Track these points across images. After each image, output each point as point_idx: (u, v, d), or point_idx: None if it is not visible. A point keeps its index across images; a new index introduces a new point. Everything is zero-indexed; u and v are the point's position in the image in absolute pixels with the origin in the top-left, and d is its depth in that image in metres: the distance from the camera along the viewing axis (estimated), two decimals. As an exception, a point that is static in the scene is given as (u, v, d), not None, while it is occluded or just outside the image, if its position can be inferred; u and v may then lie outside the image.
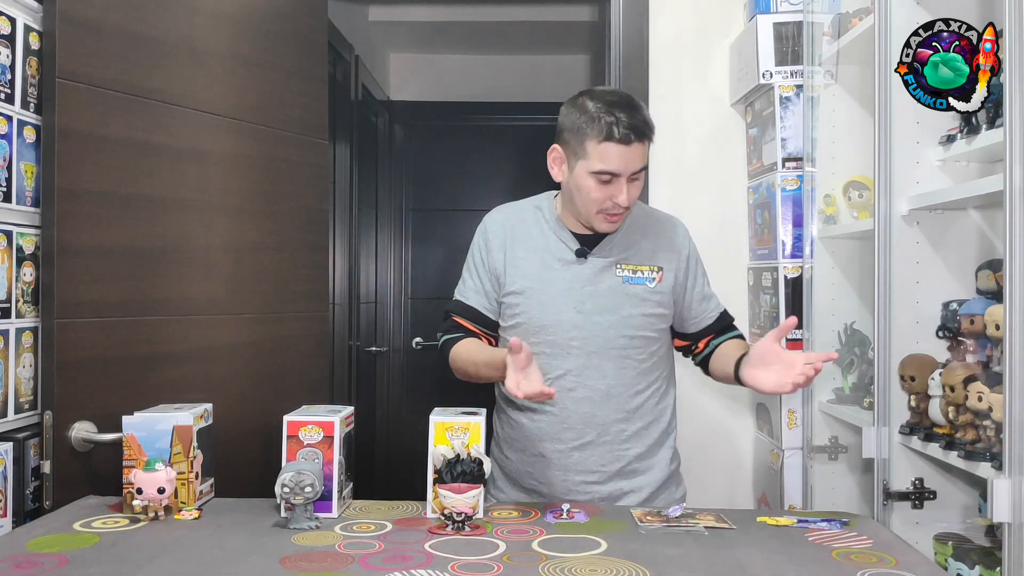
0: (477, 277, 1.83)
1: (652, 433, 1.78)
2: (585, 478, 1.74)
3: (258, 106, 2.13)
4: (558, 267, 1.75)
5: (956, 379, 1.57)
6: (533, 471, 1.78)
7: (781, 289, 2.30)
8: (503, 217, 1.86)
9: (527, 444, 1.78)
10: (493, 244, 1.81)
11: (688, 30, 2.65)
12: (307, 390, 2.26)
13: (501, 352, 1.64)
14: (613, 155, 1.62)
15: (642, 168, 1.66)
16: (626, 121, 1.61)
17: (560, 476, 1.75)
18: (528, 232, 1.80)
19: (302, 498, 1.41)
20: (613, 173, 1.63)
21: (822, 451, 2.19)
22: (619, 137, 1.60)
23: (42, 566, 1.23)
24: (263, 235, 2.15)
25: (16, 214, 1.65)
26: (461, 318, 1.82)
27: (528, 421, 1.77)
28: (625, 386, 1.74)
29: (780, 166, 2.32)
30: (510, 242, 1.80)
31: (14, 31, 1.64)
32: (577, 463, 1.74)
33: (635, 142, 1.61)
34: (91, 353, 1.72)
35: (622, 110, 1.62)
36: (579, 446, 1.73)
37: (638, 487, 1.76)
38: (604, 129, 1.61)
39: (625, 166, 1.63)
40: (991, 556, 1.56)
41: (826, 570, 1.26)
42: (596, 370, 1.72)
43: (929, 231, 1.80)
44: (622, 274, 1.75)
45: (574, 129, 1.66)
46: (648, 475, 1.77)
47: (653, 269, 1.76)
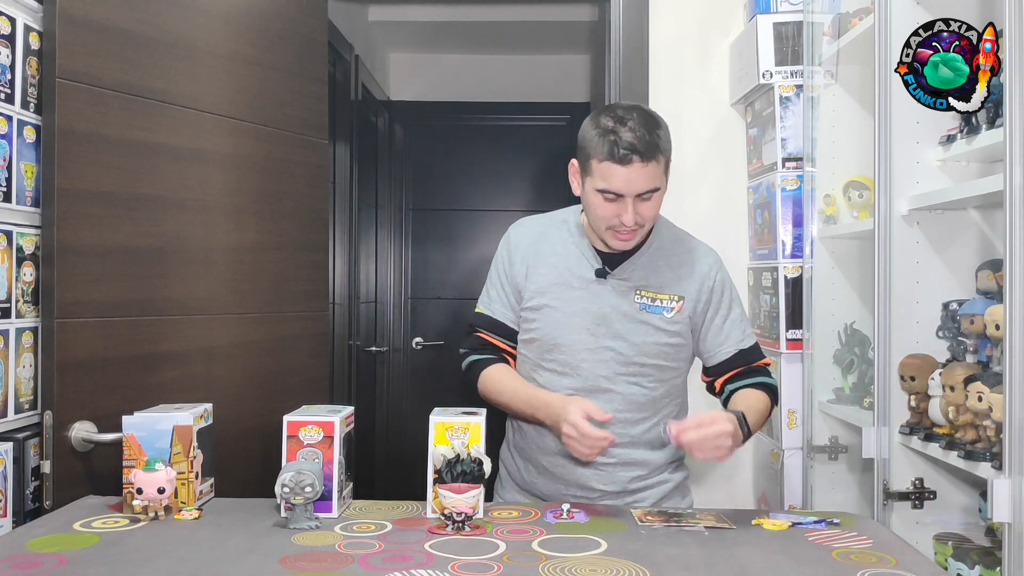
0: (501, 289, 1.80)
1: (658, 459, 1.76)
2: (587, 494, 1.73)
3: (258, 106, 2.13)
4: (576, 285, 1.72)
5: (956, 379, 1.57)
6: (537, 482, 1.78)
7: (781, 289, 2.30)
8: (527, 231, 1.82)
9: (531, 453, 1.78)
10: (516, 257, 1.78)
11: (688, 30, 2.64)
12: (307, 390, 2.26)
13: (542, 394, 1.67)
14: (613, 175, 1.57)
15: (651, 189, 1.60)
16: (627, 141, 1.55)
17: (562, 490, 1.74)
18: (552, 248, 1.76)
19: (302, 498, 1.41)
20: (616, 193, 1.59)
21: (822, 451, 2.19)
22: (618, 157, 1.56)
23: (42, 566, 1.23)
24: (263, 235, 2.15)
25: (16, 214, 1.65)
26: (487, 333, 1.80)
27: (535, 433, 1.76)
28: (633, 412, 1.71)
29: (780, 166, 2.32)
30: (532, 256, 1.76)
31: (14, 31, 1.64)
32: (579, 479, 1.73)
33: (636, 162, 1.56)
34: (91, 353, 1.72)
35: (627, 129, 1.56)
36: (583, 464, 1.71)
37: (642, 499, 1.75)
38: (605, 148, 1.57)
39: (628, 186, 1.58)
40: (991, 556, 1.56)
41: (826, 570, 1.26)
42: (604, 394, 1.69)
43: (929, 231, 1.80)
44: (640, 301, 1.70)
45: (583, 145, 1.63)
46: (652, 491, 1.76)
47: (673, 298, 1.71)
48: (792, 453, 2.29)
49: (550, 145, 4.51)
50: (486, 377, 1.76)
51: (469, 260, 4.58)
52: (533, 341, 1.74)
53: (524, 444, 1.80)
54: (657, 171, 1.60)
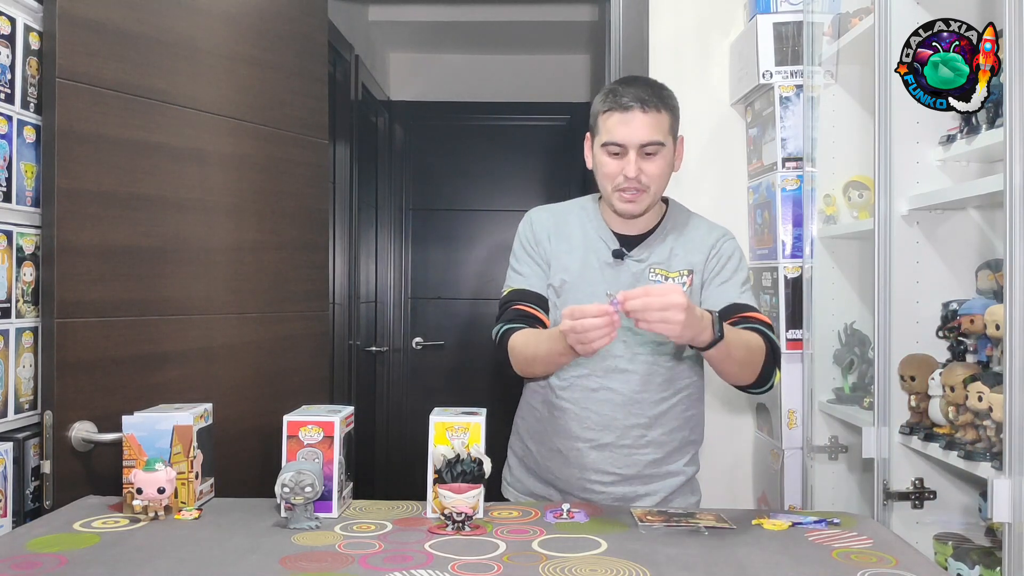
0: (530, 261, 1.78)
1: (673, 440, 1.76)
2: (601, 478, 1.73)
3: (258, 106, 2.13)
4: (596, 267, 1.74)
5: (956, 379, 1.57)
6: (551, 465, 1.78)
7: (781, 289, 2.30)
8: (547, 215, 1.83)
9: (546, 437, 1.78)
10: (540, 235, 1.79)
11: (688, 30, 2.65)
12: (307, 390, 2.26)
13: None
14: (616, 124, 1.63)
15: (654, 142, 1.63)
16: (628, 91, 1.63)
17: (577, 474, 1.74)
18: (571, 231, 1.78)
19: (302, 498, 1.41)
20: (618, 143, 1.63)
21: (822, 451, 2.19)
22: (621, 105, 1.62)
23: (42, 566, 1.23)
24: (263, 235, 2.15)
25: (16, 214, 1.65)
26: (523, 303, 1.74)
27: (549, 415, 1.77)
28: (650, 392, 1.72)
29: (780, 166, 2.32)
30: (555, 237, 1.78)
31: (14, 31, 1.64)
32: (594, 463, 1.73)
33: (636, 110, 1.61)
34: (91, 353, 1.72)
35: (628, 83, 1.66)
36: (597, 447, 1.72)
37: (653, 491, 1.75)
38: (608, 99, 1.65)
39: (630, 135, 1.62)
40: (991, 556, 1.56)
41: (826, 570, 1.26)
42: (621, 375, 1.71)
43: (929, 231, 1.80)
44: (655, 279, 1.71)
45: (593, 111, 1.70)
46: (664, 481, 1.76)
47: (684, 273, 1.72)
48: (792, 453, 2.29)
49: (550, 145, 4.51)
50: (514, 341, 1.69)
51: (469, 260, 4.58)
52: (553, 322, 1.74)
53: (538, 427, 1.80)
54: (660, 124, 1.64)
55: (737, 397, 2.60)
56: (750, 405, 2.61)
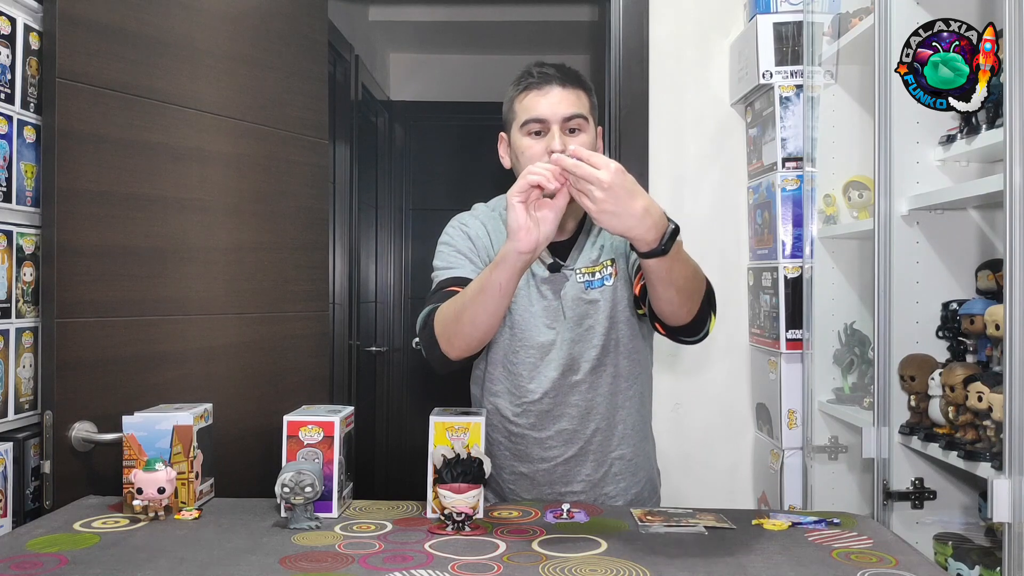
0: (461, 255, 1.66)
1: (637, 430, 1.73)
2: (572, 488, 1.71)
3: (258, 106, 2.13)
4: (535, 286, 1.67)
5: (956, 379, 1.57)
6: (516, 488, 1.75)
7: (781, 289, 2.30)
8: (480, 223, 1.72)
9: (506, 463, 1.74)
10: (476, 241, 1.70)
11: (688, 30, 2.65)
12: (307, 390, 2.26)
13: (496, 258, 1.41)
14: (533, 101, 1.58)
15: (578, 115, 1.57)
16: (540, 69, 1.60)
17: (546, 491, 1.72)
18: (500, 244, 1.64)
19: (302, 498, 1.41)
20: (539, 119, 1.57)
21: (822, 451, 2.19)
22: (535, 81, 1.59)
23: (42, 566, 1.23)
24: (263, 235, 2.15)
25: (16, 214, 1.65)
26: (456, 286, 1.59)
27: (508, 442, 1.73)
28: (604, 396, 1.68)
29: (780, 166, 2.32)
30: (485, 250, 1.70)
31: (14, 31, 1.64)
32: (562, 476, 1.71)
33: (554, 85, 1.58)
34: (91, 353, 1.72)
35: (540, 65, 1.62)
36: (564, 461, 1.70)
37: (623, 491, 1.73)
38: (522, 81, 1.62)
39: (551, 110, 1.57)
40: (991, 556, 1.56)
41: (826, 570, 1.26)
42: (573, 388, 1.67)
43: (929, 231, 1.81)
44: (582, 280, 1.65)
45: (506, 102, 1.66)
46: (633, 476, 1.74)
47: (606, 264, 1.66)
48: (792, 453, 2.29)
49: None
50: (441, 311, 1.54)
51: (469, 260, 4.58)
52: (496, 351, 1.71)
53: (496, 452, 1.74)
54: (580, 100, 1.60)
55: (737, 398, 2.60)
56: (750, 405, 2.61)
